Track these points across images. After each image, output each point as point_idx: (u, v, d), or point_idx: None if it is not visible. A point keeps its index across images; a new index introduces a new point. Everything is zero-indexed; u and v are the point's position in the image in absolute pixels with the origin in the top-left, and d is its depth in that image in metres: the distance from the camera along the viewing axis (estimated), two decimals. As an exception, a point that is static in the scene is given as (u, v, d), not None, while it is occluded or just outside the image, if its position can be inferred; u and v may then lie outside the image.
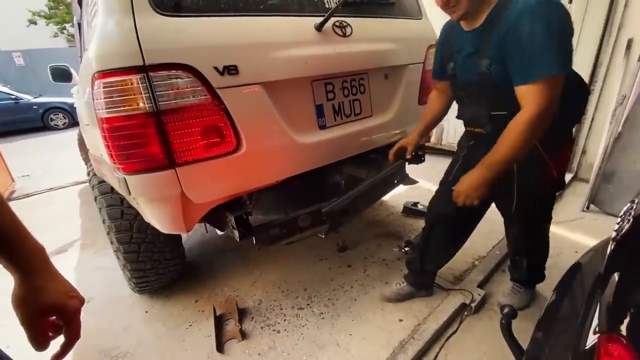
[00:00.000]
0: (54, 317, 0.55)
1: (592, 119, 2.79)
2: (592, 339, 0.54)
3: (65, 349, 0.56)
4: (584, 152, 2.93)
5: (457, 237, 1.52)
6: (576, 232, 2.21)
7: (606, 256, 0.75)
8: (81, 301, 0.59)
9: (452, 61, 1.19)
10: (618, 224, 0.82)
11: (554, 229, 2.25)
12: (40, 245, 0.55)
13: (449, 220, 1.43)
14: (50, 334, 0.55)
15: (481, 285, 1.74)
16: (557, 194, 1.40)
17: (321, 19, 1.30)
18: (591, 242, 2.07)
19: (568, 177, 2.95)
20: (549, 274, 1.83)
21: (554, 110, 0.93)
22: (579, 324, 0.67)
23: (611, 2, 2.47)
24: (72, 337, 0.57)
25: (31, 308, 0.52)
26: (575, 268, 0.92)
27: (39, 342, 0.52)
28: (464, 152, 1.37)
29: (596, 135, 2.76)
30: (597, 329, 0.55)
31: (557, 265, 1.87)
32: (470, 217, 1.44)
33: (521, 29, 0.88)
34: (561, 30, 0.86)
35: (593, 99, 2.74)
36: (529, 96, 0.92)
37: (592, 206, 2.46)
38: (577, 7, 2.60)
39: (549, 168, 1.16)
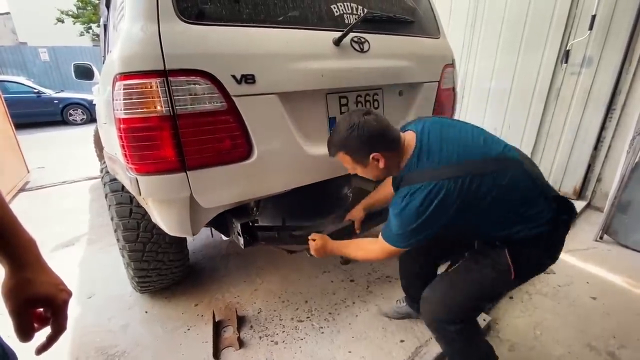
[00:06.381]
0: (42, 310, 0.57)
1: (609, 146, 2.74)
2: None
3: (51, 340, 0.57)
4: (599, 179, 2.87)
5: (423, 267, 1.45)
6: (588, 262, 2.14)
7: None
8: (69, 294, 0.60)
9: None
10: None
11: (565, 257, 2.21)
12: (32, 238, 0.57)
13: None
14: (36, 325, 0.56)
15: (487, 311, 1.69)
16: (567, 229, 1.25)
17: (340, 33, 1.31)
18: (604, 273, 2.02)
19: (581, 204, 2.88)
20: (559, 304, 1.78)
21: (393, 257, 1.13)
22: None
23: (632, 30, 2.45)
24: (59, 329, 0.58)
25: (21, 299, 0.53)
26: None
27: (25, 333, 0.53)
28: None
29: (613, 164, 2.70)
30: None
31: (567, 296, 1.81)
32: (428, 247, 1.35)
33: (392, 203, 1.04)
34: (406, 223, 0.98)
35: (611, 126, 2.70)
36: (378, 241, 1.11)
37: (605, 236, 2.39)
38: (597, 34, 2.58)
39: (508, 270, 1.06)
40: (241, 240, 1.31)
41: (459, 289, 1.12)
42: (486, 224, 1.04)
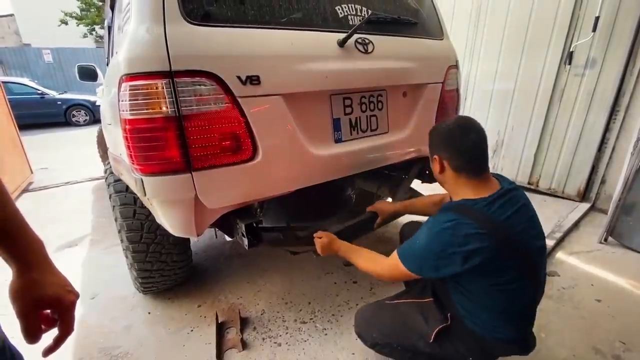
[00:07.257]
0: (49, 311, 0.56)
1: (614, 148, 2.73)
2: None
3: (58, 342, 0.56)
4: (603, 181, 2.85)
5: None
6: (592, 264, 2.13)
7: None
8: (76, 296, 0.60)
9: None
10: None
11: (570, 259, 2.20)
12: (39, 239, 0.57)
13: None
14: (43, 326, 0.55)
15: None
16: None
17: (344, 35, 1.31)
18: (608, 275, 2.01)
19: (585, 206, 2.87)
20: (563, 306, 1.76)
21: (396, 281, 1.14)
22: None
23: (636, 32, 2.44)
24: (66, 330, 0.57)
25: (28, 300, 0.52)
26: None
27: (32, 334, 0.52)
28: None
29: (617, 165, 2.69)
30: None
31: (571, 298, 1.80)
32: None
33: (431, 219, 1.03)
34: (425, 246, 0.98)
35: (615, 128, 2.69)
36: (391, 258, 1.08)
37: (610, 238, 2.37)
38: (601, 35, 2.57)
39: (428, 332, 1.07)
40: (245, 241, 1.31)
41: (386, 317, 1.18)
42: (466, 301, 1.02)
